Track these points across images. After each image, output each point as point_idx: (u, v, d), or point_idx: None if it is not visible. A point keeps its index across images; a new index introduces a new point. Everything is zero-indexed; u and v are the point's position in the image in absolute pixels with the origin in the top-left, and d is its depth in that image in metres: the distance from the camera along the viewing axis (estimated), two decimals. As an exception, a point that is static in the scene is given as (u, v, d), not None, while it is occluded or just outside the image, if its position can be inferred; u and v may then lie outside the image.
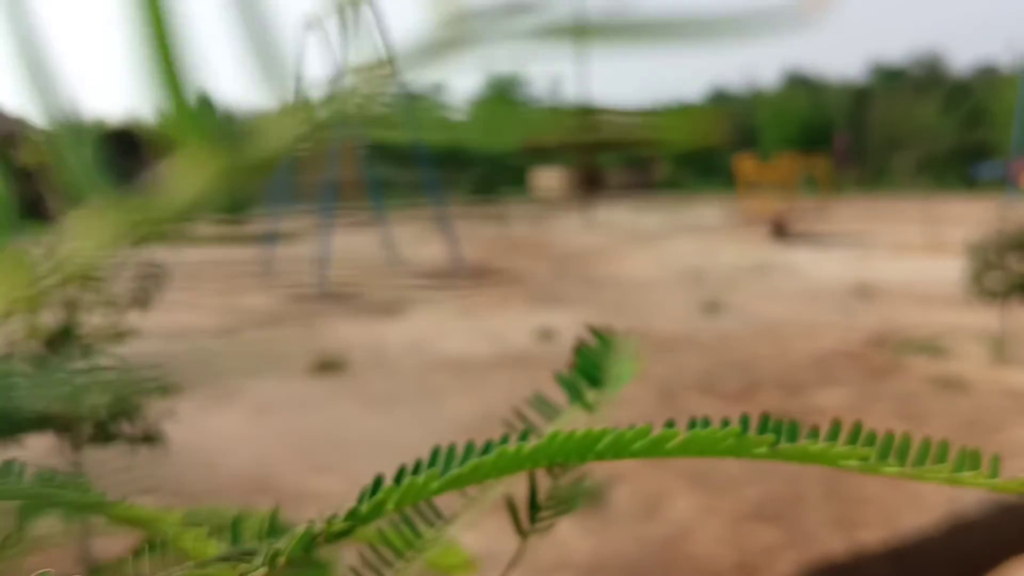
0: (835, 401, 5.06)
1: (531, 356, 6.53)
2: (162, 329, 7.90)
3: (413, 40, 0.29)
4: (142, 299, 2.92)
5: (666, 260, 12.98)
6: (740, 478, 3.88)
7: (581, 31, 0.28)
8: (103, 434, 2.79)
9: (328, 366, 6.21)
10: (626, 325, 7.65)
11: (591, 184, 35.24)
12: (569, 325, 7.69)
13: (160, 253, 3.06)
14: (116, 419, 2.78)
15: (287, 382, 5.92)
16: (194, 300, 9.98)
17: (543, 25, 0.27)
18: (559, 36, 0.28)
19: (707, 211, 24.06)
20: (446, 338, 7.34)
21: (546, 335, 7.20)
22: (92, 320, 2.88)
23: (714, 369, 5.90)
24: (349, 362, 6.40)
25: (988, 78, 50.31)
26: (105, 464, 3.40)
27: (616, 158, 44.69)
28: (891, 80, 60.92)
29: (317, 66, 12.32)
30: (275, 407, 5.27)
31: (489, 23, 0.28)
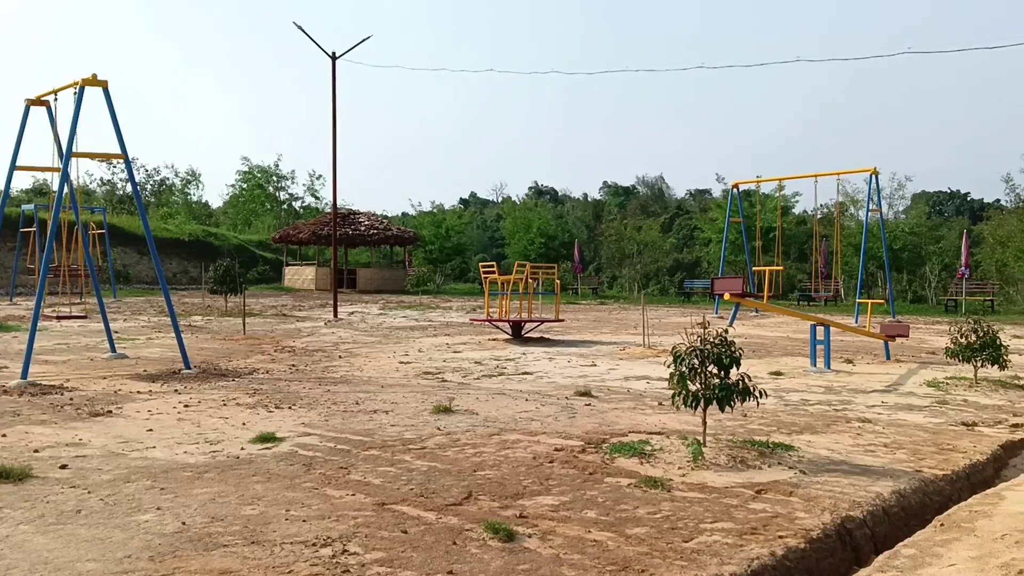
0: (547, 508, 4.88)
1: (246, 463, 5.92)
2: None
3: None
4: None
5: (408, 359, 12.70)
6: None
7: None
8: None
9: (6, 476, 5.29)
10: (355, 429, 7.23)
11: (343, 281, 34.67)
12: (293, 428, 7.14)
13: None
14: None
15: (-55, 498, 4.95)
16: None
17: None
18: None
19: (454, 312, 24.22)
20: (156, 443, 6.56)
21: (266, 439, 6.61)
22: None
23: (436, 476, 5.57)
24: (33, 470, 5.51)
25: (701, 202, 55.40)
26: None
27: (370, 256, 44.48)
28: (622, 198, 65.89)
29: (41, 147, 11.19)
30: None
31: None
